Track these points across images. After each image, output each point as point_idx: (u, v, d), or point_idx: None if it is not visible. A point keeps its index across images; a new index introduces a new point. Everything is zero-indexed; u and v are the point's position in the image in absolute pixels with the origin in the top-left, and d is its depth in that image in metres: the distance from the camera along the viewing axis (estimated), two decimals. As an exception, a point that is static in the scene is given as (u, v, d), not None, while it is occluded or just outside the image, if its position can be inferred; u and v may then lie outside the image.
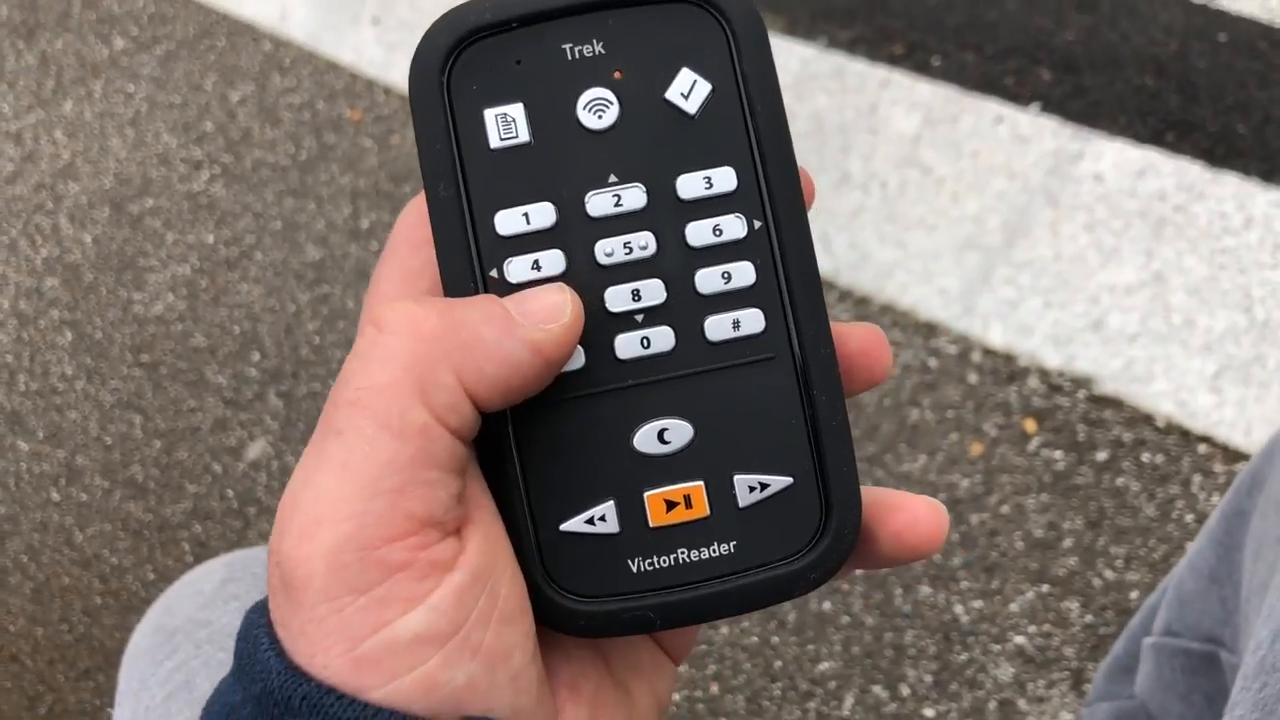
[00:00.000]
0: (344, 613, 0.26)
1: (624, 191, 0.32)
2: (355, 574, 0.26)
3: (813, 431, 0.32)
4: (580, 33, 0.32)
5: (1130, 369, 1.30)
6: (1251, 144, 1.43)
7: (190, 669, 0.51)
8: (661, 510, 0.32)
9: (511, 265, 0.31)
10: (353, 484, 0.26)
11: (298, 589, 0.26)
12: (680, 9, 0.32)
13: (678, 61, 0.32)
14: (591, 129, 0.32)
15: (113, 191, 1.79)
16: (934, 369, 1.35)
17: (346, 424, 0.27)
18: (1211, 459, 1.25)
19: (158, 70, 1.91)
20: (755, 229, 0.32)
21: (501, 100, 0.32)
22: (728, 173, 0.32)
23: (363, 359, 0.28)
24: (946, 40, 1.61)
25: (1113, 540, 1.23)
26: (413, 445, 0.27)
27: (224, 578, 0.55)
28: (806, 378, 0.32)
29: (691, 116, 0.32)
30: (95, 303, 1.67)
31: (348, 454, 0.27)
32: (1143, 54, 1.55)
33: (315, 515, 0.26)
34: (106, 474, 1.52)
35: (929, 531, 0.32)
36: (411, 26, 1.84)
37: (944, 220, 1.44)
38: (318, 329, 1.57)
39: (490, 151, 0.31)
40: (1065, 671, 1.17)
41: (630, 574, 0.32)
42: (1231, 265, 1.33)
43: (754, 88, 0.32)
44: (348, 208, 1.68)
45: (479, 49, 0.32)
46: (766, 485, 0.32)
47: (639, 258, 0.32)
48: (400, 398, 0.27)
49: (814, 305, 0.32)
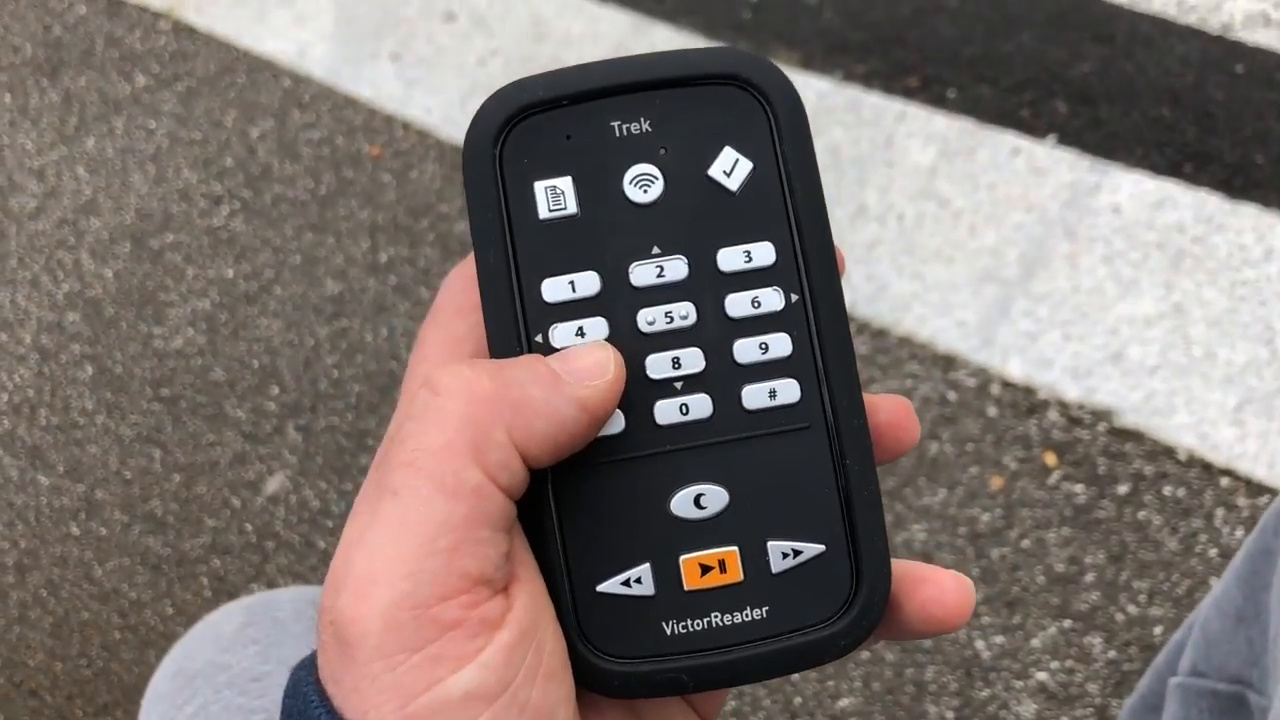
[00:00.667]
0: (397, 670, 0.27)
1: (666, 263, 0.33)
2: (410, 632, 0.27)
3: (845, 500, 0.33)
4: (628, 111, 0.33)
5: (1151, 401, 1.30)
6: (1270, 175, 1.42)
7: (210, 713, 0.51)
8: (696, 574, 0.32)
9: (556, 331, 0.32)
10: (409, 544, 0.27)
11: (352, 646, 0.27)
12: (724, 90, 0.33)
13: (721, 140, 0.33)
14: (637, 202, 0.33)
15: (134, 227, 1.80)
16: (953, 402, 1.34)
17: (402, 485, 0.28)
18: (1234, 492, 1.23)
19: (179, 107, 1.93)
20: (792, 302, 0.33)
21: (551, 173, 0.33)
22: (767, 247, 0.33)
23: (418, 421, 0.28)
24: (962, 73, 1.61)
25: (1135, 575, 1.21)
26: (466, 504, 0.28)
27: (244, 621, 0.55)
28: (840, 447, 0.33)
29: (733, 193, 0.33)
30: (116, 337, 1.69)
31: (404, 514, 0.27)
32: (1159, 85, 1.55)
33: (370, 574, 0.27)
34: (126, 508, 1.52)
35: (955, 605, 0.32)
36: (430, 63, 1.86)
37: (961, 252, 1.44)
38: (336, 363, 1.58)
39: (539, 222, 0.33)
40: (1089, 708, 1.16)
41: (664, 636, 0.32)
42: (1252, 297, 1.32)
43: (793, 166, 0.33)
44: (366, 242, 1.69)
45: (531, 124, 0.33)
46: (799, 552, 0.33)
47: (679, 327, 0.33)
48: (455, 459, 0.28)
49: (848, 377, 0.33)
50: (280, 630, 0.54)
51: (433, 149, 1.76)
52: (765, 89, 0.33)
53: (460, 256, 1.64)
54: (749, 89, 0.33)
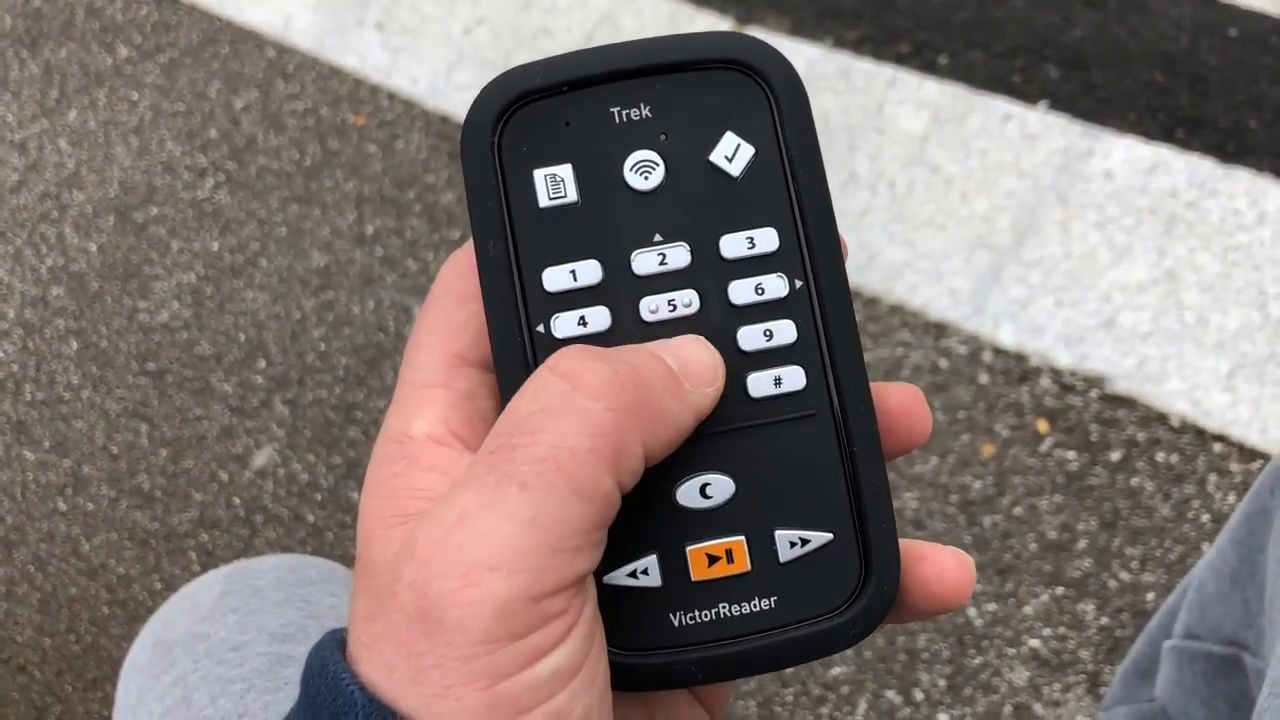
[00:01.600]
0: (496, 654, 0.27)
1: (668, 250, 0.32)
2: (520, 622, 0.27)
3: (853, 488, 0.32)
4: (628, 97, 0.33)
5: (1143, 368, 1.29)
6: (1263, 139, 1.41)
7: (188, 684, 0.50)
8: (703, 565, 0.32)
9: (558, 321, 0.32)
10: (538, 540, 0.27)
11: (449, 629, 0.27)
12: (724, 75, 0.33)
13: (722, 125, 0.33)
14: (638, 189, 0.33)
15: (117, 200, 1.78)
16: (944, 370, 1.34)
17: (536, 481, 0.27)
18: (1227, 458, 1.23)
19: (161, 78, 1.91)
20: (796, 288, 0.33)
21: (551, 161, 0.32)
22: (770, 233, 0.33)
23: (554, 417, 0.28)
24: (953, 39, 1.60)
25: (1128, 541, 1.21)
26: (596, 509, 0.28)
27: (222, 590, 0.54)
28: (847, 434, 0.32)
29: (735, 178, 0.33)
30: (101, 311, 1.67)
31: (536, 510, 0.27)
32: (1152, 50, 1.54)
33: (488, 561, 0.27)
34: (113, 483, 1.51)
35: (956, 583, 0.32)
36: (415, 32, 1.83)
37: (953, 220, 1.43)
38: (323, 335, 1.56)
39: (539, 210, 0.32)
40: (1081, 675, 1.16)
41: (672, 628, 0.32)
42: (1244, 262, 1.31)
43: (796, 151, 0.33)
44: (352, 213, 1.67)
45: (530, 111, 0.33)
46: (807, 541, 0.32)
47: (682, 315, 0.32)
48: (598, 466, 0.28)
49: (854, 363, 0.32)
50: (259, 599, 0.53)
51: (418, 119, 1.74)
52: (766, 73, 0.33)
53: (447, 227, 1.63)
54: (750, 73, 0.33)
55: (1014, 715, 1.15)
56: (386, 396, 1.50)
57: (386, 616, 0.28)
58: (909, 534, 1.25)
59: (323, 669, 0.29)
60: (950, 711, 1.16)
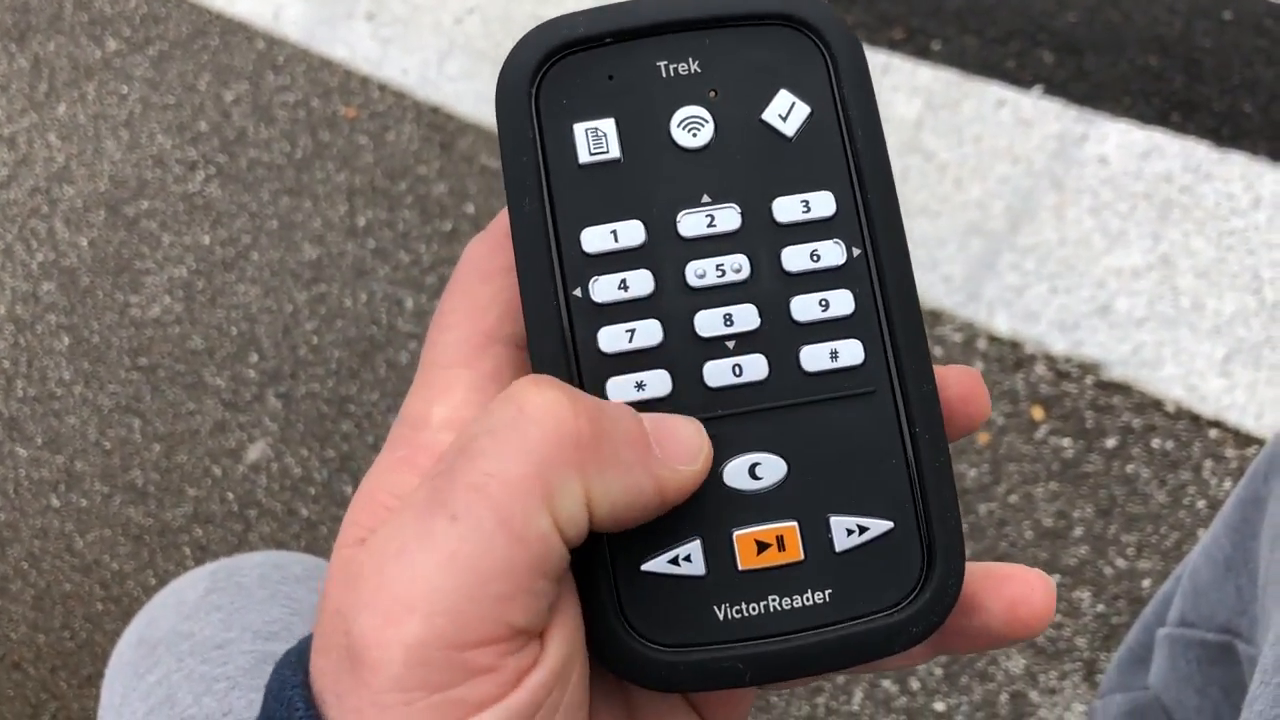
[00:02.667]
0: (412, 706, 0.24)
1: (718, 212, 0.30)
2: (436, 672, 0.24)
3: (915, 472, 0.30)
4: (675, 50, 0.31)
5: (1139, 354, 1.29)
6: (1259, 123, 1.41)
7: (172, 683, 0.49)
8: (752, 552, 0.30)
9: (597, 284, 0.30)
10: (457, 580, 0.25)
11: (368, 670, 0.25)
12: (777, 31, 0.31)
13: (775, 83, 0.31)
14: (685, 147, 0.30)
15: (108, 194, 1.77)
16: (939, 358, 1.33)
17: (464, 511, 0.25)
18: (1223, 444, 1.23)
19: (151, 71, 1.90)
20: (854, 256, 0.30)
21: (592, 115, 0.30)
22: (826, 197, 0.30)
23: (495, 440, 0.26)
24: (947, 24, 1.59)
25: (1123, 528, 1.21)
26: (530, 552, 0.25)
27: (208, 587, 0.54)
28: (908, 414, 0.30)
29: (789, 139, 0.31)
30: (92, 306, 1.66)
31: (459, 544, 0.25)
32: (1146, 33, 1.53)
33: (408, 601, 0.24)
34: (106, 479, 1.50)
35: (1044, 605, 0.30)
36: (406, 22, 1.82)
37: (947, 206, 1.42)
38: (316, 328, 1.56)
39: (579, 167, 0.30)
40: (1078, 662, 1.16)
41: (717, 621, 0.29)
42: (1240, 246, 1.31)
43: (854, 111, 0.31)
44: (344, 205, 1.66)
45: (570, 63, 0.31)
46: (865, 529, 0.30)
47: (732, 280, 0.30)
48: (528, 498, 0.25)
49: (915, 339, 0.30)
50: (244, 596, 0.52)
51: (410, 110, 1.73)
52: (822, 29, 0.31)
53: (439, 219, 1.62)
54: (804, 30, 0.31)
55: (1010, 703, 1.15)
56: (380, 389, 1.49)
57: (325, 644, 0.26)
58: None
59: (280, 691, 0.27)
60: (947, 700, 1.16)
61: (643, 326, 0.30)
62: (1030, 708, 1.14)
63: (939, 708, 1.16)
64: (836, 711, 1.17)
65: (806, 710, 1.18)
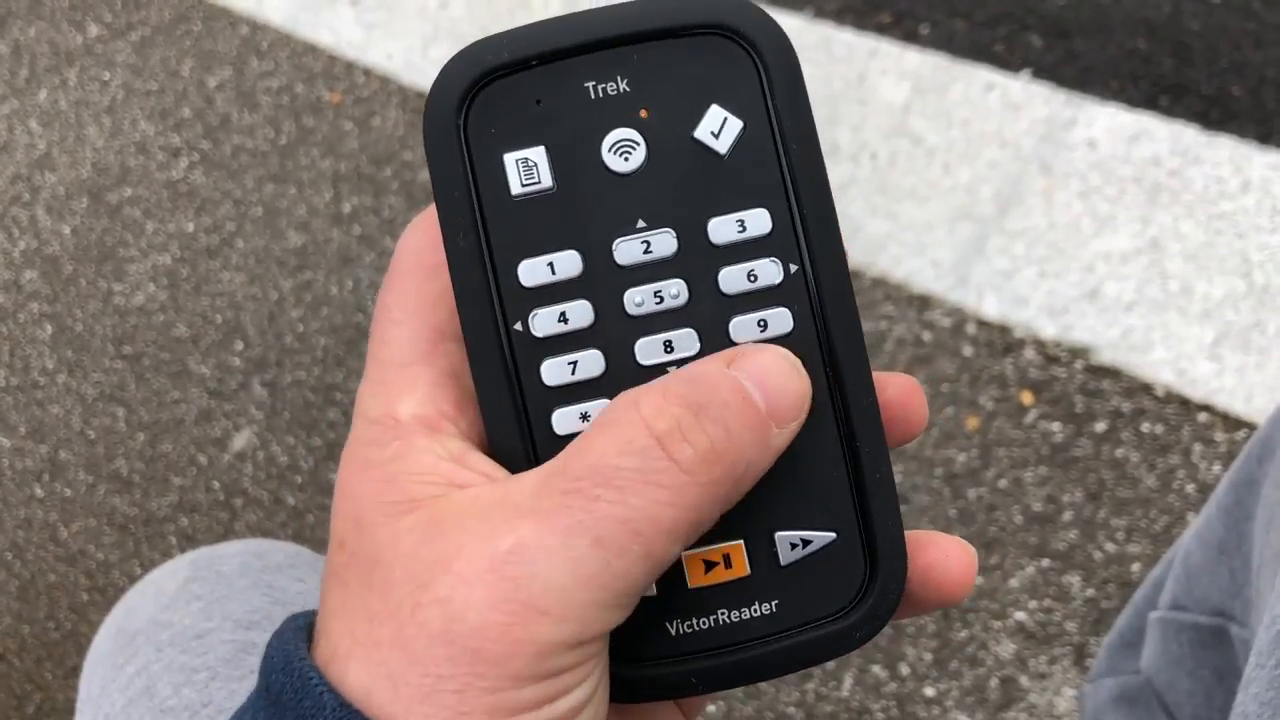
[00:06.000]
0: (523, 690, 0.26)
1: (653, 237, 0.30)
2: (556, 664, 0.26)
3: (856, 485, 0.31)
4: (603, 70, 0.30)
5: (1128, 338, 1.28)
6: (1247, 106, 1.40)
7: (151, 673, 0.48)
8: (700, 570, 0.31)
9: (537, 318, 0.30)
10: (598, 595, 0.26)
11: (484, 660, 0.26)
12: (707, 41, 0.30)
13: (706, 98, 0.30)
14: (617, 172, 0.30)
15: (90, 181, 1.76)
16: (928, 342, 1.33)
17: (611, 540, 0.26)
18: (1212, 427, 1.22)
19: (133, 57, 1.88)
20: (791, 274, 0.30)
21: (522, 144, 0.30)
22: (762, 215, 0.30)
23: (644, 480, 0.26)
24: (935, 8, 1.58)
25: (1113, 512, 1.21)
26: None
27: (188, 576, 0.53)
28: (850, 429, 0.31)
29: (722, 156, 0.30)
30: (75, 295, 1.65)
31: (603, 568, 0.26)
32: (1134, 17, 1.52)
33: (542, 605, 0.26)
34: (90, 468, 1.49)
35: (960, 571, 0.31)
36: (390, 6, 1.81)
37: (936, 191, 1.41)
38: (301, 316, 1.54)
39: (511, 198, 0.30)
40: (1068, 647, 1.15)
41: (669, 637, 0.31)
42: (1229, 230, 1.30)
43: (787, 123, 0.30)
44: (329, 192, 1.65)
45: (497, 89, 0.30)
46: (809, 542, 0.31)
47: (670, 306, 0.30)
48: (675, 538, 0.27)
49: (855, 352, 0.30)
50: (225, 585, 0.52)
51: (394, 95, 1.71)
52: (753, 38, 0.31)
53: (426, 204, 1.60)
54: (735, 38, 0.30)
55: (1000, 688, 1.15)
56: (366, 377, 1.48)
57: (400, 626, 0.26)
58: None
59: (287, 664, 0.27)
60: (937, 685, 1.16)
61: (585, 357, 0.30)
62: (1020, 692, 1.14)
63: (929, 693, 1.16)
64: (826, 698, 1.17)
65: (796, 696, 1.18)
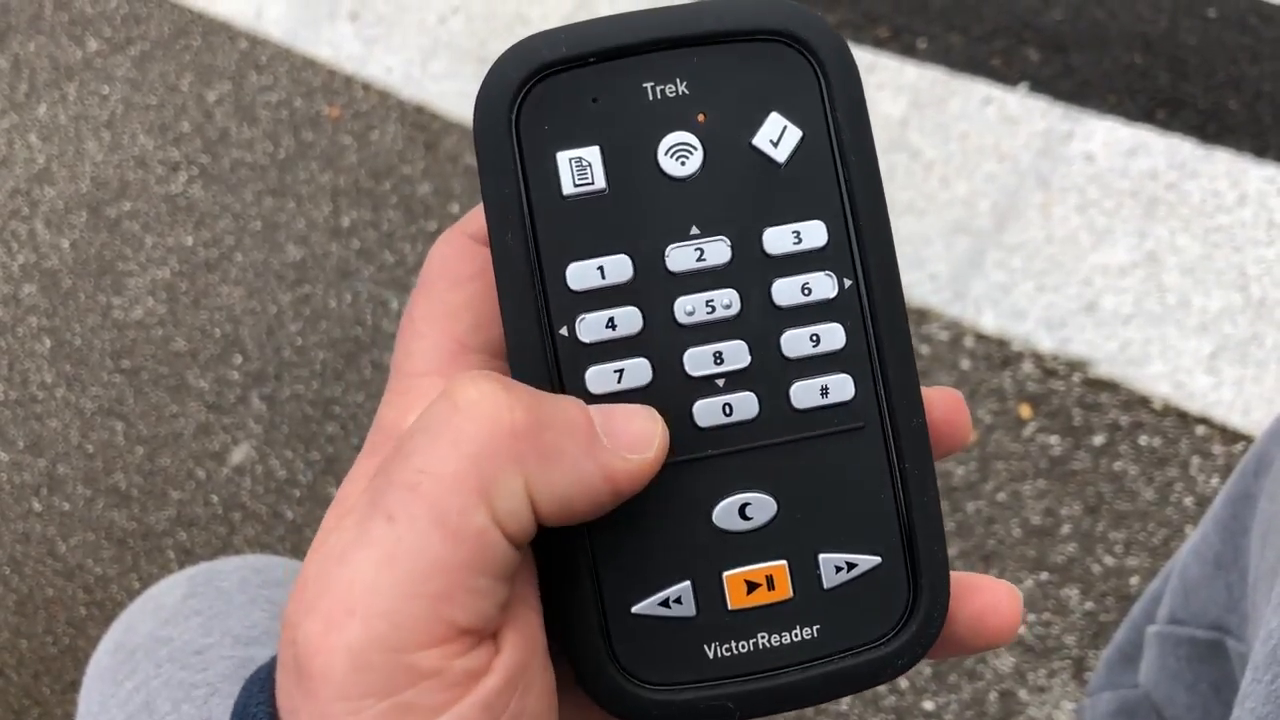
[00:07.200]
0: (360, 715, 0.24)
1: (707, 245, 0.29)
2: (380, 677, 0.24)
3: (903, 507, 0.30)
4: (662, 71, 0.29)
5: (1125, 351, 1.29)
6: (1243, 120, 1.41)
7: (150, 689, 0.48)
8: (742, 592, 0.30)
9: (584, 323, 0.29)
10: (394, 579, 0.24)
11: (313, 679, 0.24)
12: (769, 47, 0.30)
13: (766, 105, 0.30)
14: (673, 176, 0.29)
15: (89, 195, 1.76)
16: (926, 356, 1.33)
17: (399, 509, 0.24)
18: (1210, 440, 1.23)
19: (133, 71, 1.89)
20: (845, 288, 0.30)
21: (576, 142, 0.29)
22: (818, 227, 0.30)
23: (430, 436, 0.25)
24: (932, 22, 1.59)
25: (1111, 525, 1.21)
26: (466, 549, 0.24)
27: (186, 592, 0.53)
28: (897, 449, 0.30)
29: (780, 165, 0.30)
30: (74, 309, 1.65)
31: (395, 544, 0.24)
32: (1131, 31, 1.53)
33: (348, 604, 0.24)
34: (89, 482, 1.49)
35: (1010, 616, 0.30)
36: (389, 21, 1.81)
37: (933, 204, 1.42)
38: (300, 330, 1.55)
39: (563, 199, 0.29)
40: (1066, 660, 1.15)
41: (707, 660, 0.30)
42: (1225, 243, 1.31)
43: (846, 135, 0.30)
44: (328, 206, 1.65)
45: (552, 85, 0.29)
46: (854, 565, 0.30)
47: (721, 317, 0.29)
48: (462, 494, 0.24)
49: (906, 372, 0.30)
50: (224, 601, 0.52)
51: (394, 109, 1.72)
52: (816, 47, 0.30)
53: (424, 219, 1.61)
54: (796, 45, 0.30)
55: (999, 702, 1.15)
56: (365, 391, 1.48)
57: (282, 666, 0.25)
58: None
59: (244, 709, 0.26)
60: (935, 699, 1.16)
61: (631, 366, 0.29)
62: (1019, 706, 1.14)
63: (928, 706, 1.16)
64: (825, 711, 1.17)
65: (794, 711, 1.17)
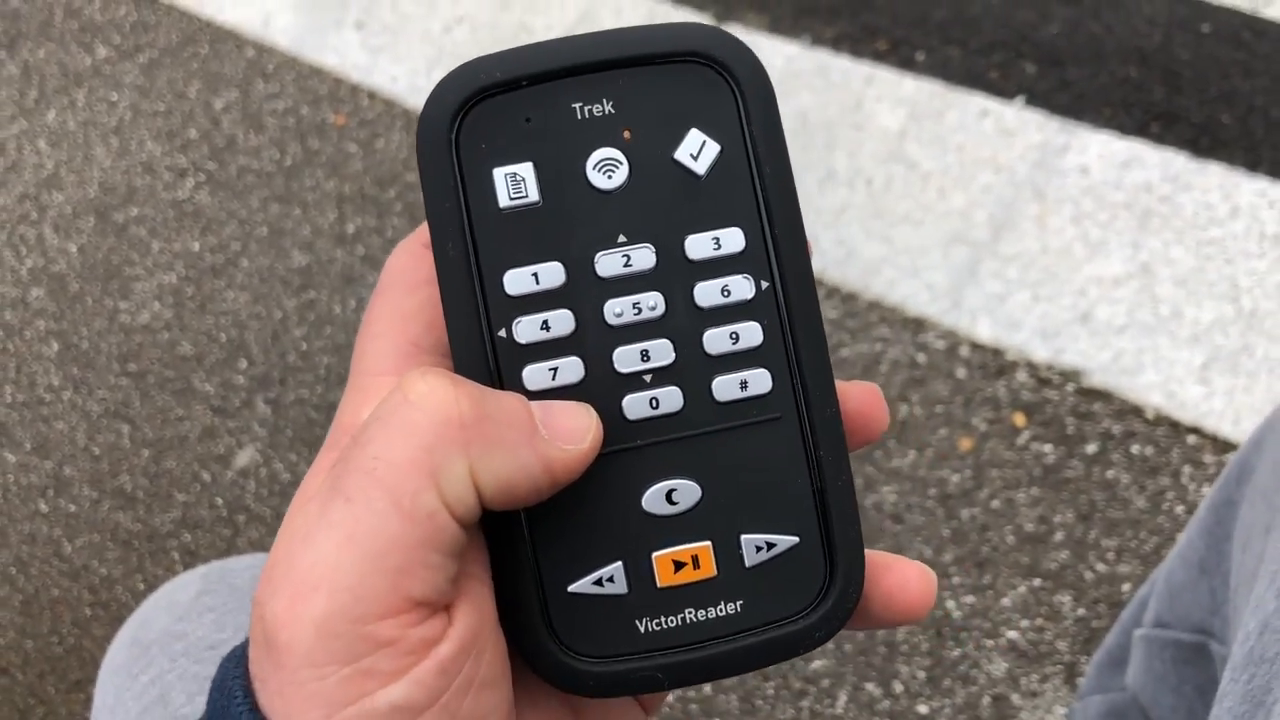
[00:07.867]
0: (325, 681, 0.26)
1: (633, 252, 0.32)
2: (343, 645, 0.26)
3: (818, 491, 0.32)
4: (590, 92, 0.32)
5: (1119, 361, 1.30)
6: (1236, 134, 1.43)
7: (165, 683, 0.50)
8: (669, 571, 0.32)
9: (520, 325, 0.31)
10: (355, 556, 0.26)
11: (281, 650, 0.26)
12: (690, 69, 0.32)
13: (687, 122, 0.32)
14: (601, 189, 0.32)
15: (97, 200, 1.78)
16: (922, 364, 1.35)
17: (357, 493, 0.27)
18: (1201, 449, 1.24)
19: (141, 78, 1.91)
20: (762, 289, 0.32)
21: (511, 159, 0.32)
22: (736, 233, 0.32)
23: (384, 426, 0.28)
24: (930, 35, 1.61)
25: (1104, 533, 1.22)
26: (420, 529, 0.27)
27: (200, 589, 0.54)
28: (813, 437, 0.32)
29: (700, 177, 0.32)
30: (81, 312, 1.67)
31: (354, 525, 0.27)
32: (1126, 45, 1.55)
33: (312, 581, 0.26)
34: (95, 484, 1.51)
35: (919, 594, 0.32)
36: (395, 30, 1.83)
37: (930, 215, 1.44)
38: (304, 335, 1.56)
39: (499, 211, 0.32)
40: (1059, 665, 1.17)
41: (638, 634, 0.32)
42: (1218, 255, 1.33)
43: (762, 148, 0.32)
44: (333, 213, 1.67)
45: (488, 107, 0.32)
46: (773, 545, 0.32)
47: (648, 318, 0.32)
48: (415, 478, 0.27)
49: (820, 365, 0.32)
50: (237, 597, 0.53)
51: (399, 118, 1.74)
52: (732, 67, 0.32)
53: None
54: (715, 66, 0.32)
55: (992, 706, 1.16)
56: (368, 395, 1.50)
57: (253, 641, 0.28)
58: (888, 528, 1.26)
59: (222, 682, 0.29)
60: (929, 703, 1.17)
61: (564, 364, 0.32)
62: (1012, 710, 1.16)
63: (922, 710, 1.17)
64: (821, 715, 1.18)
65: (791, 714, 1.19)
